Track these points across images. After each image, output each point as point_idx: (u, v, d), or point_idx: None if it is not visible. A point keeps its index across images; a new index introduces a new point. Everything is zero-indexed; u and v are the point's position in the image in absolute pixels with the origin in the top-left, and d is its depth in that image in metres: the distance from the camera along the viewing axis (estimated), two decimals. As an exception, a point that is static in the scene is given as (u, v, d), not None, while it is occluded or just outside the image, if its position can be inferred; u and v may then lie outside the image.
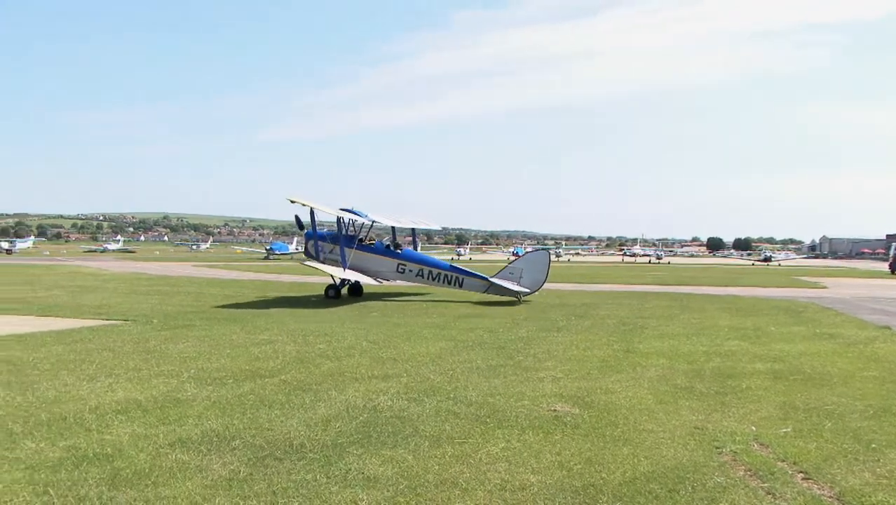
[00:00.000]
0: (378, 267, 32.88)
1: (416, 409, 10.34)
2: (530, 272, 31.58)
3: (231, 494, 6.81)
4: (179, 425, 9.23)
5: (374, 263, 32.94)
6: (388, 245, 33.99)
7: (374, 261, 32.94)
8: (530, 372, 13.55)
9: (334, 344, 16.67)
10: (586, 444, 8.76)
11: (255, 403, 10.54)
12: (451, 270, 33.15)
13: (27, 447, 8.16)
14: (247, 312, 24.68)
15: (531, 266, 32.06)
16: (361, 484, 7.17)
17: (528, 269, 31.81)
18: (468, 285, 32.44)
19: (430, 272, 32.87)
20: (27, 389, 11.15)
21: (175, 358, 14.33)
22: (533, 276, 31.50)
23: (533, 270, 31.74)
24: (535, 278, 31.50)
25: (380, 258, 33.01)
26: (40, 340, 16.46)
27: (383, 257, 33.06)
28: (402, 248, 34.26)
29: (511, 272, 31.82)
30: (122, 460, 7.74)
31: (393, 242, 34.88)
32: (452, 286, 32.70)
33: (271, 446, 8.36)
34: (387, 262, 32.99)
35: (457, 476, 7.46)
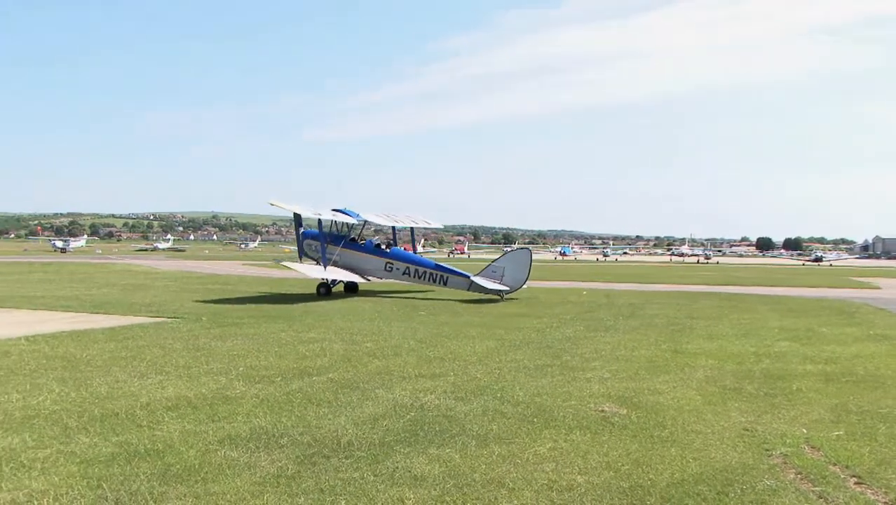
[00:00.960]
0: (367, 265, 33.91)
1: (463, 408, 10.34)
2: (512, 271, 32.16)
3: (279, 492, 6.86)
4: (228, 423, 9.32)
5: (363, 261, 33.95)
6: (377, 244, 35.07)
7: (363, 259, 33.98)
8: (577, 372, 13.49)
9: (381, 343, 16.74)
10: (634, 444, 8.70)
11: (303, 401, 10.61)
12: (436, 269, 33.89)
13: (81, 442, 8.29)
14: (294, 310, 24.84)
15: (513, 265, 32.57)
16: (408, 483, 7.18)
17: (511, 267, 32.38)
18: (452, 283, 33.17)
19: (417, 270, 33.79)
20: (81, 385, 11.33)
21: (224, 356, 14.48)
22: (515, 274, 32.04)
23: (515, 268, 32.28)
24: (516, 277, 32.03)
25: (368, 257, 34.05)
26: (93, 337, 16.70)
27: (372, 256, 34.08)
28: (390, 248, 35.22)
29: (493, 270, 32.49)
30: (173, 456, 7.83)
31: (389, 242, 36.27)
32: (438, 284, 33.50)
33: (319, 444, 8.40)
34: (375, 260, 34.00)
35: (503, 476, 7.45)
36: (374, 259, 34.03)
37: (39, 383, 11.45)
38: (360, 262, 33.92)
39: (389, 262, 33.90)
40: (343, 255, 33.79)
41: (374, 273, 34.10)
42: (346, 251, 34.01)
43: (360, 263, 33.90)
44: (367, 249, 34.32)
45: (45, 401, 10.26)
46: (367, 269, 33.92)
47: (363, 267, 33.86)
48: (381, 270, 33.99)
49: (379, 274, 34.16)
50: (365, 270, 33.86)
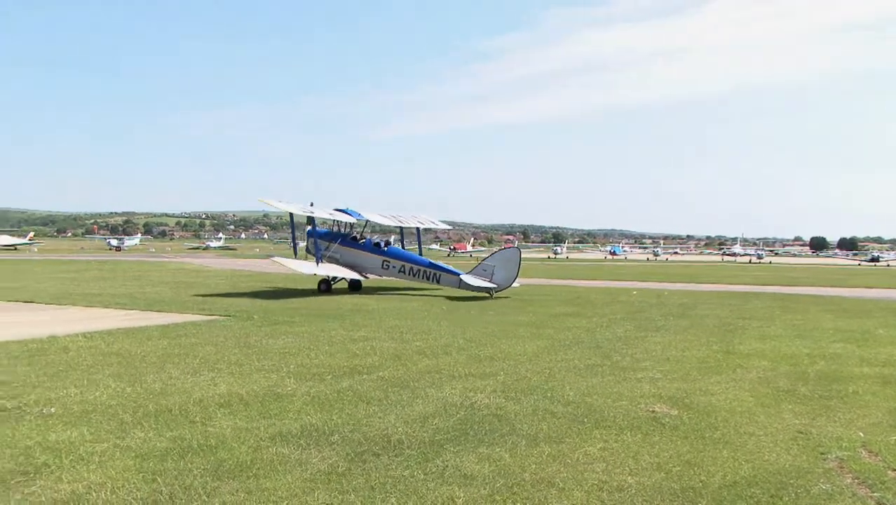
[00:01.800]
0: (365, 263, 35.19)
1: (513, 407, 10.33)
2: (502, 269, 32.73)
3: (329, 488, 6.91)
4: (280, 419, 9.40)
5: (362, 259, 35.24)
6: (376, 243, 36.06)
7: (361, 257, 35.29)
8: (628, 372, 13.41)
9: (431, 341, 16.77)
10: (685, 446, 8.63)
11: (353, 399, 10.66)
12: (429, 267, 34.88)
13: (136, 437, 8.42)
14: (345, 308, 24.98)
15: (503, 264, 33.11)
16: (458, 481, 7.19)
17: (501, 266, 32.93)
18: (445, 281, 33.95)
19: (411, 268, 34.83)
20: (136, 381, 11.50)
21: (275, 353, 14.60)
22: (504, 273, 32.61)
23: (505, 267, 32.85)
24: (506, 275, 32.59)
25: (367, 255, 35.31)
26: (147, 334, 16.93)
27: (370, 254, 35.30)
28: (388, 246, 36.37)
29: (484, 269, 33.07)
30: (225, 452, 7.92)
31: (387, 241, 37.57)
32: (431, 281, 34.43)
33: (369, 442, 8.45)
34: (373, 258, 35.21)
35: (553, 475, 7.43)
36: (372, 257, 35.23)
37: (96, 379, 11.65)
38: (359, 259, 35.22)
39: (386, 260, 35.08)
40: (343, 252, 35.28)
41: (372, 270, 35.23)
42: (347, 249, 35.46)
43: (359, 260, 35.21)
44: (366, 248, 35.53)
45: (101, 396, 10.44)
46: (365, 266, 35.18)
47: (362, 264, 35.15)
48: (378, 268, 35.19)
49: (377, 271, 35.31)
50: (364, 267, 35.13)
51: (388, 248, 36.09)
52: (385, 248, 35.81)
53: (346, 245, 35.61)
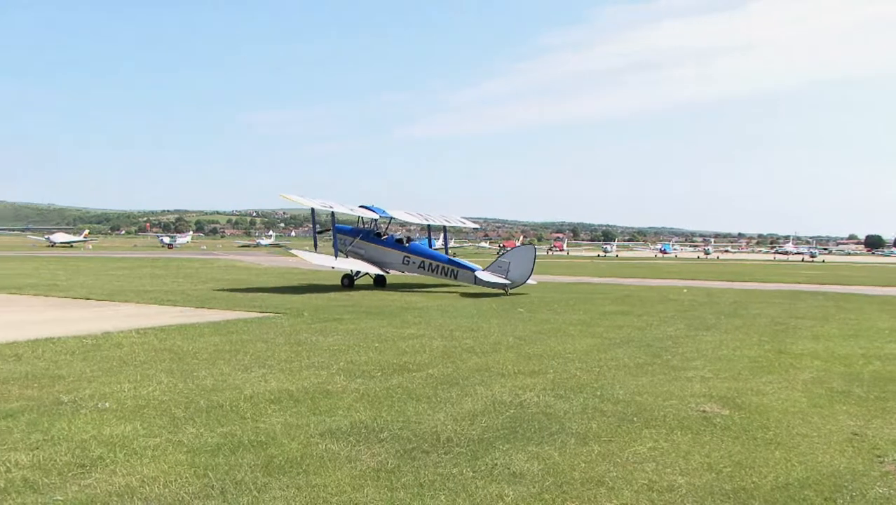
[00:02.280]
0: (387, 258, 36.15)
1: (562, 406, 10.29)
2: (517, 266, 33.16)
3: (379, 485, 6.92)
4: (329, 416, 9.44)
5: (384, 254, 36.23)
6: (398, 239, 37.02)
7: (384, 253, 36.26)
8: (678, 371, 13.29)
9: (480, 339, 16.75)
10: (736, 446, 8.52)
11: (402, 396, 10.68)
12: (447, 263, 35.55)
13: (188, 432, 8.51)
14: (394, 306, 25.06)
15: (518, 260, 33.60)
16: (507, 479, 7.17)
17: (516, 262, 33.37)
18: (462, 277, 34.52)
19: (430, 264, 35.52)
20: (188, 377, 11.63)
21: (325, 350, 14.68)
22: (520, 269, 33.05)
23: (520, 263, 33.32)
24: (521, 272, 33.05)
25: (389, 250, 36.24)
26: (199, 331, 17.12)
27: (391, 250, 36.22)
28: (409, 242, 37.25)
29: (500, 266, 33.64)
30: (275, 448, 7.97)
31: (409, 237, 38.43)
32: (448, 277, 35.05)
33: (418, 439, 8.46)
34: (394, 254, 36.13)
35: (603, 475, 7.38)
36: (393, 253, 36.11)
37: (149, 374, 11.81)
38: (381, 255, 36.19)
39: (407, 255, 35.89)
40: (367, 248, 36.36)
41: (393, 266, 36.17)
42: (370, 244, 36.49)
43: (381, 256, 36.17)
44: (388, 244, 36.43)
45: (154, 391, 10.57)
46: (387, 261, 36.10)
47: (384, 260, 36.12)
48: (399, 263, 36.05)
49: (398, 267, 36.21)
50: (385, 262, 36.05)
51: (410, 244, 36.91)
52: (406, 244, 36.62)
53: (369, 241, 36.54)
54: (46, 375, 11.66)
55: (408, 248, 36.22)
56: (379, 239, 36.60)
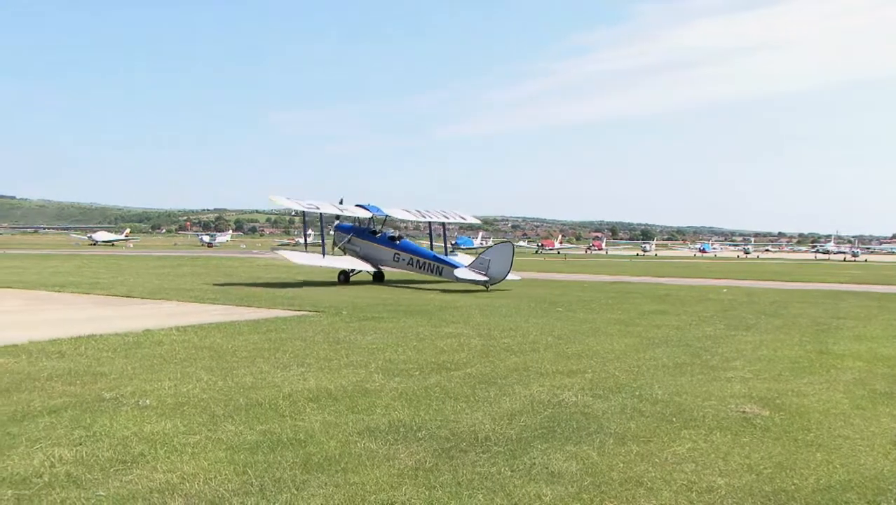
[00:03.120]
0: (379, 255, 37.82)
1: (600, 405, 10.24)
2: (497, 263, 33.84)
3: (417, 484, 6.93)
4: (368, 415, 9.46)
5: (377, 251, 37.92)
6: (391, 236, 38.34)
7: (376, 249, 37.97)
8: (718, 371, 13.18)
9: (519, 339, 16.72)
10: (777, 447, 8.42)
11: (440, 395, 10.69)
12: (433, 260, 36.80)
13: (228, 430, 8.57)
14: (432, 305, 25.07)
15: (498, 257, 34.25)
16: (545, 479, 7.15)
17: (496, 260, 34.04)
18: (446, 274, 35.71)
19: (418, 261, 37.06)
20: (227, 375, 11.71)
21: (363, 349, 14.72)
22: (499, 266, 33.72)
23: (499, 261, 33.95)
24: (500, 269, 33.70)
25: (381, 247, 37.90)
26: (238, 329, 17.24)
27: (384, 247, 37.86)
28: (400, 240, 38.40)
29: (481, 263, 34.45)
30: (314, 446, 8.01)
31: (400, 235, 39.60)
32: (434, 274, 36.44)
33: (457, 438, 8.45)
34: (385, 251, 37.80)
35: (642, 475, 7.33)
36: (385, 249, 37.78)
37: (189, 372, 11.90)
38: (375, 251, 37.93)
39: (397, 252, 37.53)
40: (362, 245, 38.22)
41: (385, 262, 37.83)
42: (365, 241, 38.34)
43: (375, 252, 37.90)
44: (381, 241, 38.06)
45: (194, 389, 10.65)
46: (379, 258, 37.79)
47: (377, 256, 37.84)
48: (390, 260, 37.71)
49: (389, 263, 37.86)
50: (378, 259, 37.78)
51: (401, 241, 38.21)
52: (398, 241, 37.98)
53: (364, 238, 38.37)
54: (89, 372, 11.80)
55: (398, 246, 37.70)
56: (373, 236, 38.29)
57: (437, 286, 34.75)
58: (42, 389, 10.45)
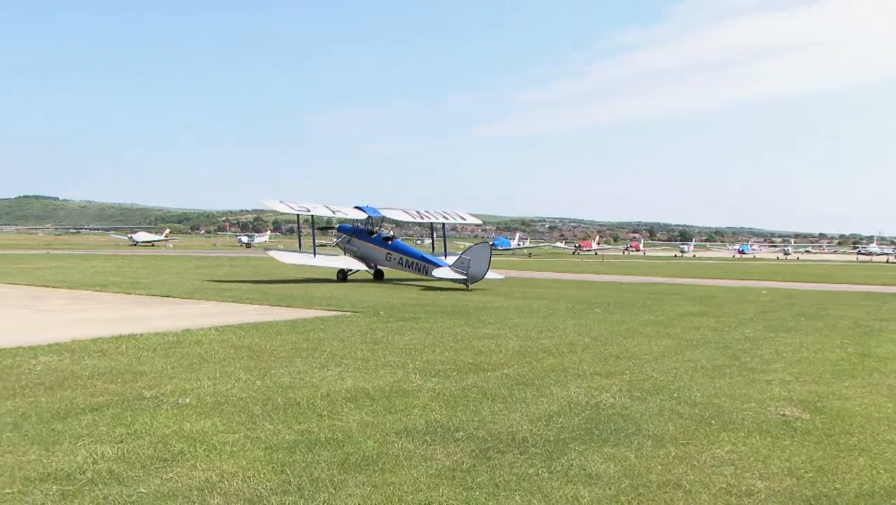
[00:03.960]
0: (373, 254, 39.76)
1: (638, 407, 10.19)
2: (476, 263, 34.74)
3: (454, 484, 6.93)
4: (405, 415, 9.48)
5: (372, 251, 39.83)
6: (385, 237, 40.02)
7: (370, 249, 39.86)
8: (757, 374, 13.06)
9: (556, 339, 16.67)
10: (818, 451, 8.32)
11: (478, 395, 10.68)
12: (420, 259, 38.68)
13: (266, 429, 8.62)
14: (470, 306, 25.05)
15: (477, 257, 35.16)
16: (583, 480, 7.11)
17: (475, 260, 34.94)
18: (430, 273, 37.05)
19: (407, 260, 38.99)
20: (265, 374, 11.77)
21: (401, 349, 14.74)
22: (477, 266, 34.58)
23: (478, 261, 34.86)
24: (479, 268, 34.53)
25: (375, 247, 39.78)
26: (276, 329, 17.33)
27: (377, 247, 39.71)
28: (392, 240, 40.14)
29: (462, 263, 35.36)
30: (351, 446, 8.02)
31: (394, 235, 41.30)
32: (420, 273, 38.05)
33: (494, 439, 8.44)
34: (379, 250, 39.67)
35: (680, 477, 7.28)
36: (378, 249, 39.67)
37: (228, 371, 11.98)
38: (370, 251, 39.88)
39: (389, 252, 39.41)
40: (359, 245, 40.09)
41: (379, 261, 39.74)
42: (362, 242, 40.19)
43: (370, 252, 39.86)
44: (376, 241, 39.87)
45: (232, 388, 10.72)
46: (374, 257, 39.75)
47: (371, 256, 39.81)
48: (383, 259, 39.61)
49: (382, 262, 39.79)
50: (373, 258, 39.75)
51: (393, 242, 40.06)
52: (390, 242, 39.84)
53: (361, 238, 40.20)
54: (129, 370, 11.92)
55: (390, 246, 39.60)
56: (369, 237, 40.08)
57: (422, 283, 36.60)
58: (84, 387, 10.58)
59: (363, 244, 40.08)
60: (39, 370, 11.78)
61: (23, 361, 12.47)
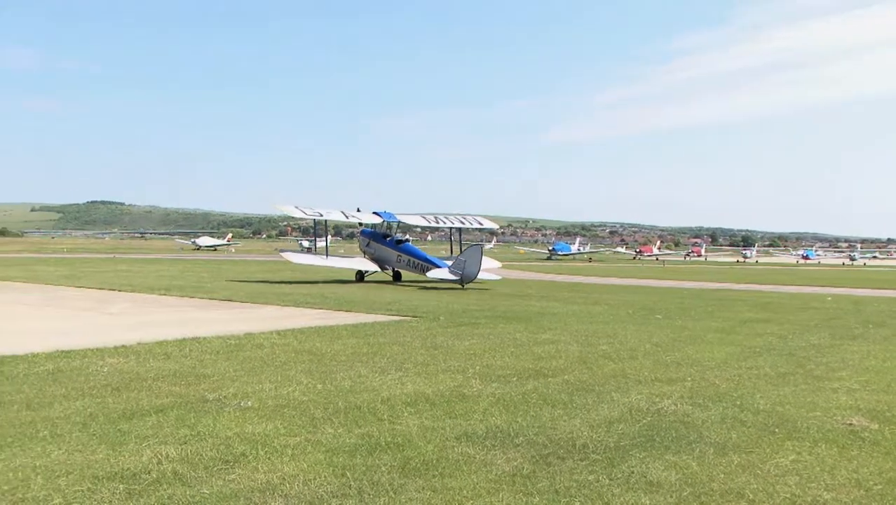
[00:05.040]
0: (387, 257, 42.62)
1: (700, 414, 10.07)
2: (470, 264, 37.40)
3: (514, 490, 6.91)
4: (465, 420, 9.48)
5: (387, 253, 42.63)
6: (398, 240, 42.92)
7: (386, 252, 42.66)
8: (823, 381, 12.83)
9: (617, 345, 16.56)
10: (887, 462, 8.11)
11: (538, 401, 10.64)
12: (424, 261, 41.28)
13: (327, 432, 8.68)
14: (531, 311, 24.99)
15: (471, 259, 37.75)
16: (644, 488, 7.05)
17: (469, 261, 37.58)
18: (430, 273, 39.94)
19: (413, 262, 41.62)
20: (326, 378, 11.86)
21: (461, 354, 14.75)
22: (471, 267, 37.28)
23: (470, 263, 37.48)
24: (472, 269, 37.27)
25: (388, 250, 42.58)
26: (337, 333, 17.44)
27: (390, 249, 42.49)
28: (402, 243, 42.87)
29: (458, 264, 38.05)
30: (412, 450, 8.04)
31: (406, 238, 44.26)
32: (422, 273, 40.57)
33: (554, 445, 8.40)
34: (391, 253, 42.40)
35: (743, 487, 7.16)
36: (391, 252, 42.40)
37: (289, 375, 12.09)
38: (384, 253, 42.71)
39: (400, 254, 42.09)
40: (376, 248, 42.95)
41: (391, 263, 42.55)
42: (378, 245, 43.01)
43: (384, 254, 42.72)
44: (389, 244, 42.62)
45: (293, 392, 10.82)
46: (387, 259, 42.58)
47: (386, 258, 42.68)
48: (394, 260, 42.39)
49: (393, 263, 42.53)
50: (386, 260, 42.63)
51: (403, 244, 42.76)
52: (401, 244, 42.59)
53: (378, 242, 43.00)
54: (193, 373, 12.10)
55: (401, 248, 42.30)
56: (384, 240, 42.88)
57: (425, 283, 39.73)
58: (149, 389, 10.77)
59: (379, 247, 42.85)
60: (106, 372, 12.02)
61: (90, 363, 12.73)
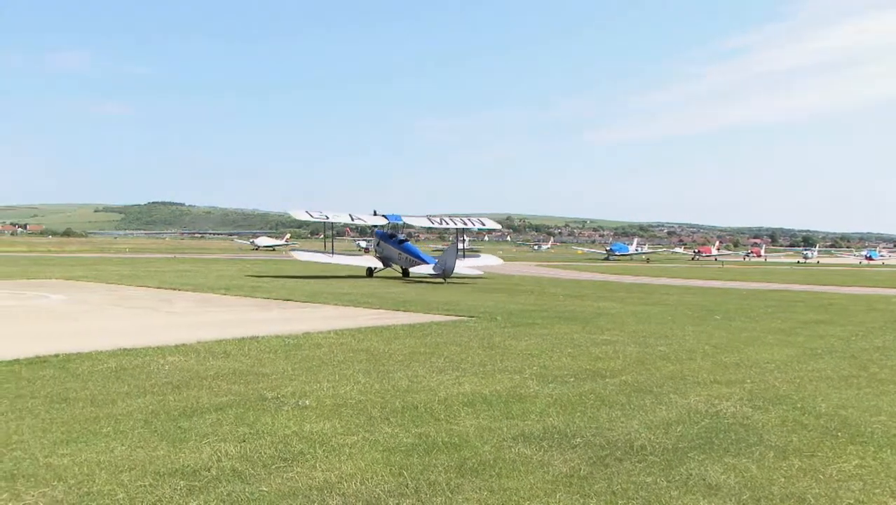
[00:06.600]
0: (391, 255, 46.60)
1: (760, 417, 9.94)
2: (448, 260, 42.23)
3: (571, 491, 6.89)
4: (522, 420, 9.47)
5: (391, 252, 46.68)
6: (401, 240, 47.34)
7: (391, 250, 46.70)
8: (887, 385, 12.58)
9: (675, 346, 16.42)
10: (956, 469, 7.96)
11: (595, 402, 10.59)
12: (417, 258, 45.36)
13: (384, 431, 8.72)
14: (587, 312, 24.86)
15: (449, 256, 42.79)
16: (702, 491, 6.98)
17: (448, 258, 42.48)
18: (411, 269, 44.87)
19: (409, 259, 45.64)
20: (383, 378, 11.92)
21: (518, 355, 14.73)
22: (450, 262, 41.94)
23: (450, 258, 42.29)
24: (450, 264, 41.80)
25: (392, 249, 46.69)
26: (394, 333, 17.52)
27: (394, 248, 46.59)
28: (404, 243, 47.19)
29: (440, 261, 42.97)
30: (468, 450, 8.05)
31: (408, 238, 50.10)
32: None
33: (611, 446, 8.36)
34: (395, 251, 46.42)
35: (804, 491, 7.05)
36: (395, 251, 46.45)
37: (346, 374, 12.17)
38: (389, 252, 46.76)
39: (401, 253, 46.14)
40: (384, 247, 47.03)
41: (395, 260, 46.34)
42: (386, 245, 47.10)
43: (390, 253, 46.67)
44: (394, 244, 46.74)
45: (351, 391, 10.89)
46: (392, 257, 46.44)
47: (391, 256, 46.57)
48: (396, 258, 46.27)
49: (396, 260, 46.37)
50: (391, 258, 46.44)
51: (404, 244, 47.01)
52: (402, 244, 46.76)
53: (386, 241, 47.16)
54: (251, 372, 12.24)
55: (402, 247, 46.43)
56: (390, 240, 47.12)
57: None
58: (209, 387, 10.93)
59: (387, 246, 46.95)
60: (167, 370, 12.22)
61: (152, 361, 12.96)
